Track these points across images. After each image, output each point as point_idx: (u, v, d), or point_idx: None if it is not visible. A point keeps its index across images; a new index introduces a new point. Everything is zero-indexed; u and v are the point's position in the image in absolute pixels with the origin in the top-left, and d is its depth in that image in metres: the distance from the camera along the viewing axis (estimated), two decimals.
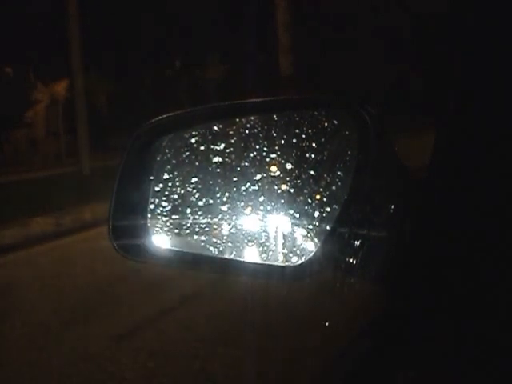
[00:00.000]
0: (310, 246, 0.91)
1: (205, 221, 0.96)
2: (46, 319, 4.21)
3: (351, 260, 0.86)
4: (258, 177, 0.93)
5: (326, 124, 0.94)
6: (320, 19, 17.67)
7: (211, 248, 0.96)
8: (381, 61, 18.60)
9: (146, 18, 16.45)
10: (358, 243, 0.85)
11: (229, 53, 17.26)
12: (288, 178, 0.92)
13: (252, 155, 0.94)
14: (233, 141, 0.97)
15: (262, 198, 0.93)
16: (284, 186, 0.92)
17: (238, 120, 0.97)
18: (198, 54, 17.44)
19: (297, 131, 0.93)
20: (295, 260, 0.92)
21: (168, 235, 1.02)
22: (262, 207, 0.92)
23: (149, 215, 0.99)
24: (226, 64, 18.02)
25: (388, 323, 0.89)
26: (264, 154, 0.93)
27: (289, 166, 0.93)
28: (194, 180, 0.96)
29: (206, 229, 0.96)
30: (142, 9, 16.49)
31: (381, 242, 0.85)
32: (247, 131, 0.96)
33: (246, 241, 0.94)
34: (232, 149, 0.96)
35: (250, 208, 0.93)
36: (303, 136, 0.93)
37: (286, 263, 0.94)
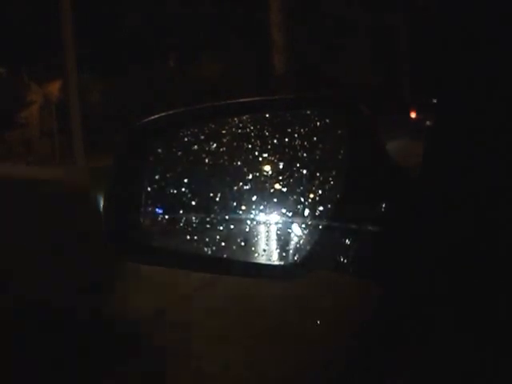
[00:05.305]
0: (303, 245, 0.91)
1: (198, 220, 0.96)
2: None
3: (344, 258, 0.87)
4: (251, 176, 0.93)
5: (318, 123, 0.94)
6: (316, 19, 17.68)
7: (204, 247, 0.96)
8: (380, 60, 18.65)
9: (140, 18, 16.42)
10: (350, 242, 0.86)
11: (223, 52, 17.24)
12: (281, 177, 0.93)
13: (244, 154, 0.94)
14: (225, 140, 0.97)
15: (254, 198, 0.93)
16: (277, 185, 0.93)
17: (230, 119, 0.98)
18: (193, 53, 17.42)
19: (289, 130, 0.94)
20: (288, 259, 0.93)
21: (161, 235, 1.02)
22: (254, 206, 0.93)
23: (142, 215, 0.99)
24: (221, 63, 18.01)
25: (384, 324, 0.89)
26: (256, 153, 0.94)
27: (281, 165, 0.93)
28: (186, 180, 0.96)
29: (199, 228, 0.96)
30: (137, 8, 16.46)
31: (373, 241, 0.86)
32: (240, 130, 0.96)
33: (238, 240, 0.94)
34: (224, 148, 0.96)
35: (242, 207, 0.93)
36: (296, 135, 0.93)
37: (280, 262, 0.94)
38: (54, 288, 4.02)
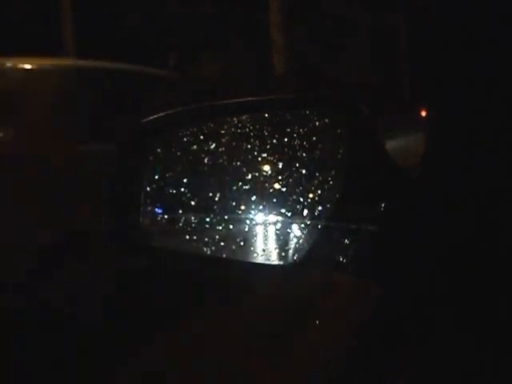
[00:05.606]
0: (303, 245, 0.91)
1: (197, 220, 0.96)
2: None
3: (344, 258, 0.87)
4: (250, 176, 0.93)
5: (317, 123, 0.94)
6: (316, 19, 17.66)
7: (204, 247, 0.96)
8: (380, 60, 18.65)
9: (140, 18, 16.40)
10: (349, 241, 0.85)
11: (223, 52, 17.22)
12: (280, 177, 0.92)
13: (244, 154, 0.94)
14: (224, 140, 0.97)
15: (254, 197, 0.93)
16: (276, 185, 0.93)
17: (229, 119, 0.97)
18: (193, 53, 17.40)
19: (288, 130, 0.94)
20: (288, 258, 0.93)
21: (161, 235, 1.02)
22: (254, 206, 0.93)
23: (141, 215, 0.98)
24: (221, 63, 17.96)
25: (384, 324, 0.89)
26: (256, 153, 0.93)
27: (281, 165, 0.93)
28: (185, 180, 0.96)
29: (198, 228, 0.96)
30: (137, 8, 16.43)
31: (372, 241, 0.85)
32: (239, 130, 0.96)
33: (237, 240, 0.94)
34: (224, 148, 0.96)
35: (242, 207, 0.93)
36: (295, 135, 0.93)
37: (279, 262, 0.94)
38: None
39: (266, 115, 0.96)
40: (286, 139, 0.93)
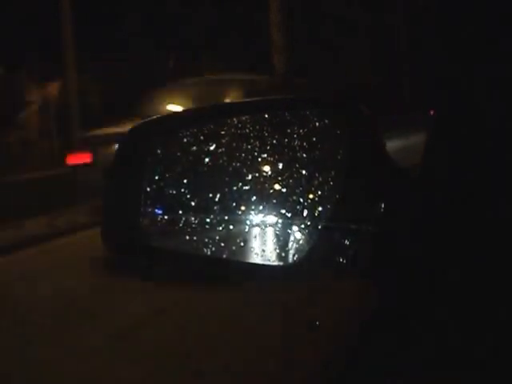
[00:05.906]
0: (302, 245, 0.91)
1: (197, 221, 0.96)
2: (40, 320, 4.20)
3: (344, 259, 0.87)
4: (250, 177, 0.93)
5: (317, 123, 0.94)
6: (316, 19, 17.67)
7: (203, 248, 0.96)
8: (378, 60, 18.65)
9: (140, 18, 16.41)
10: (349, 242, 0.85)
11: (223, 52, 17.22)
12: (280, 178, 0.92)
13: (244, 155, 0.94)
14: (224, 141, 0.97)
15: (254, 198, 0.93)
16: (276, 186, 0.93)
17: (229, 120, 0.98)
18: (193, 53, 17.40)
19: (288, 131, 0.94)
20: (287, 259, 0.93)
21: (161, 235, 1.02)
22: (254, 207, 0.93)
23: (141, 215, 0.99)
24: (221, 63, 17.96)
25: (384, 324, 0.89)
26: (256, 153, 0.93)
27: (281, 166, 0.93)
28: (185, 181, 0.96)
29: (198, 229, 0.96)
30: (137, 8, 16.44)
31: (373, 241, 0.85)
32: (239, 131, 0.96)
33: (237, 240, 0.94)
34: (224, 149, 0.96)
35: (242, 208, 0.93)
36: (295, 135, 0.93)
37: (279, 262, 0.94)
38: None
39: (266, 116, 0.96)
40: (286, 140, 0.93)
